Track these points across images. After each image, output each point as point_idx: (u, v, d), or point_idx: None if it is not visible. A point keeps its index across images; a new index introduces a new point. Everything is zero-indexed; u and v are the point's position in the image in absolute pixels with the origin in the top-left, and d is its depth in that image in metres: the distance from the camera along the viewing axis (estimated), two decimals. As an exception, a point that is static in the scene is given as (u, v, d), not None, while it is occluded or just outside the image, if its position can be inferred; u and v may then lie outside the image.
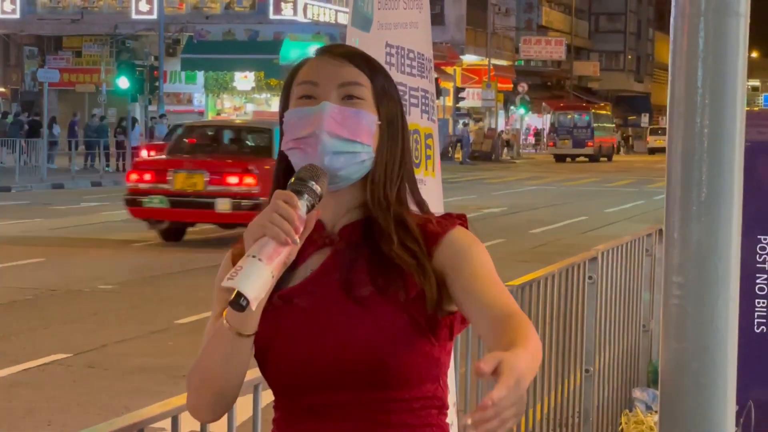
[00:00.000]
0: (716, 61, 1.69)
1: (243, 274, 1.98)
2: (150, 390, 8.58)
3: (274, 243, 2.02)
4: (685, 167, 1.70)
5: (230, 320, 2.08)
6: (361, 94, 2.20)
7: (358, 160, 2.17)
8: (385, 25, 3.76)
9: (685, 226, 1.71)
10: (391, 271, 2.15)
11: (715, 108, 1.69)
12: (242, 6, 55.36)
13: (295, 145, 2.18)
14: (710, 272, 1.72)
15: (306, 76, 2.22)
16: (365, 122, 2.18)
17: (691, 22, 1.70)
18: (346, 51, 2.26)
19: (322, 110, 2.16)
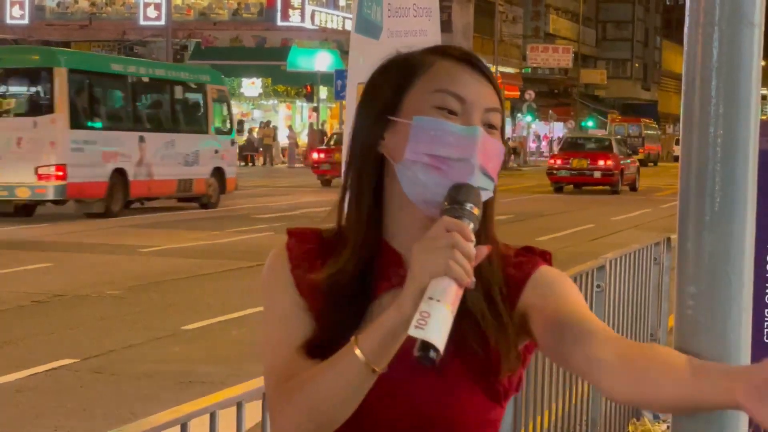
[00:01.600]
0: (730, 71, 1.69)
1: (433, 323, 1.71)
2: (157, 396, 8.59)
3: (455, 286, 1.74)
4: (698, 177, 1.70)
5: (370, 356, 1.77)
6: (498, 123, 1.94)
7: (484, 197, 1.89)
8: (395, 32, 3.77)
9: (698, 236, 1.71)
10: (476, 329, 1.90)
11: (728, 118, 1.69)
12: (250, 12, 55.47)
13: (433, 163, 1.86)
14: (723, 282, 1.72)
15: (451, 85, 1.92)
16: (501, 158, 1.93)
17: (705, 31, 1.70)
18: (486, 68, 1.98)
19: (476, 136, 1.87)
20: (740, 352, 1.74)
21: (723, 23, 1.71)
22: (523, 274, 1.95)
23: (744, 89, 1.71)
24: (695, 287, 1.73)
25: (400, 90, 1.94)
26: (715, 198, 1.71)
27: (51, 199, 23.12)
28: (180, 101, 27.29)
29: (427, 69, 1.95)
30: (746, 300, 1.73)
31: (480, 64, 1.96)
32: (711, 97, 1.71)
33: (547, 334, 1.88)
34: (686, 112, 1.75)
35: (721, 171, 1.71)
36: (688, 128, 1.74)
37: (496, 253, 1.95)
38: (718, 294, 1.72)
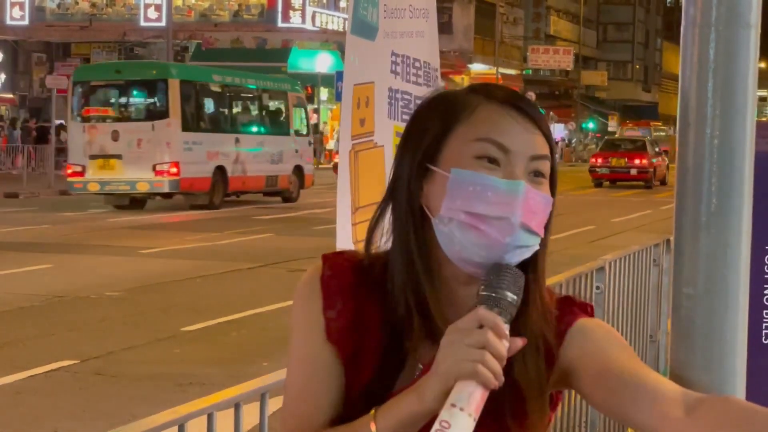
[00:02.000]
0: (727, 72, 1.69)
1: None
2: (157, 397, 8.58)
3: (481, 390, 1.65)
4: (694, 178, 1.70)
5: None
6: (546, 172, 1.79)
7: (528, 254, 1.78)
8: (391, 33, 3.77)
9: (695, 237, 1.71)
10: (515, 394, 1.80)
11: (725, 119, 1.69)
12: (250, 14, 55.47)
13: (471, 221, 1.74)
14: (719, 283, 1.71)
15: (492, 133, 1.78)
16: (548, 210, 1.79)
17: (702, 32, 1.70)
18: (534, 109, 1.83)
19: (519, 191, 1.74)
20: (736, 353, 1.74)
21: (720, 24, 1.71)
22: (563, 325, 1.84)
23: (740, 90, 1.71)
24: (691, 288, 1.73)
25: (441, 136, 1.81)
26: (711, 199, 1.71)
27: (166, 192, 26.64)
28: (267, 107, 30.65)
29: (469, 114, 1.81)
30: (742, 301, 1.73)
31: (527, 108, 1.81)
32: (707, 98, 1.71)
33: (598, 391, 1.78)
34: (683, 113, 1.74)
35: (717, 172, 1.71)
36: (685, 129, 1.74)
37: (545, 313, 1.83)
38: (715, 295, 1.72)
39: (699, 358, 1.75)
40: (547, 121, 1.84)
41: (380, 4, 3.69)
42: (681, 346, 1.75)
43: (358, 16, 3.59)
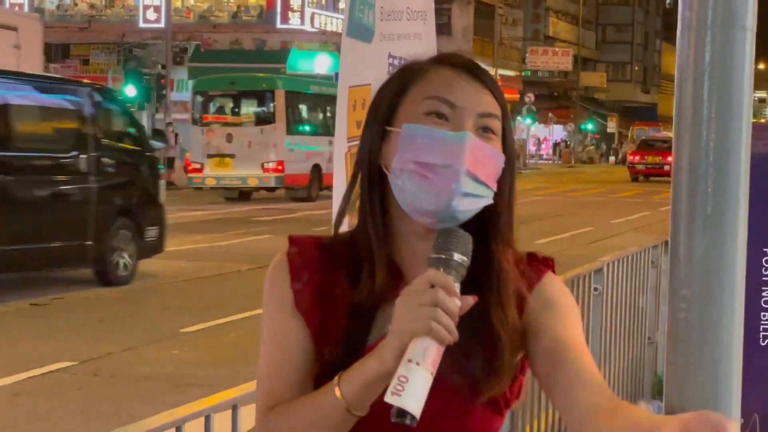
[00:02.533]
0: (723, 74, 1.69)
1: (410, 389, 1.71)
2: (155, 398, 8.58)
3: (436, 346, 1.73)
4: (690, 180, 1.70)
5: (348, 398, 1.80)
6: (495, 129, 1.91)
7: (480, 204, 1.87)
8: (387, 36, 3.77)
9: (691, 239, 1.71)
10: (486, 345, 1.90)
11: (721, 121, 1.69)
12: (249, 15, 55.46)
13: (419, 171, 1.85)
14: (715, 285, 1.72)
15: (439, 90, 1.90)
16: (498, 164, 1.90)
17: (698, 35, 1.70)
18: (483, 72, 1.95)
19: (464, 141, 1.85)
20: (732, 355, 1.74)
21: (716, 26, 1.71)
22: (529, 282, 1.95)
23: (736, 92, 1.71)
24: (688, 290, 1.73)
25: (396, 99, 1.93)
26: (707, 201, 1.71)
27: (273, 186, 31.00)
28: None
29: (422, 77, 1.93)
30: (738, 303, 1.73)
31: (478, 72, 1.94)
32: (703, 100, 1.71)
33: (542, 364, 1.91)
34: (679, 115, 1.75)
35: (713, 174, 1.71)
36: (681, 131, 1.74)
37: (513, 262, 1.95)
38: (711, 297, 1.72)
39: (695, 360, 1.75)
40: (500, 88, 1.96)
41: (376, 7, 3.68)
42: (677, 348, 1.75)
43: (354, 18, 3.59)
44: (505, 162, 1.91)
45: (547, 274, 1.99)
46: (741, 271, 1.72)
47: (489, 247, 1.91)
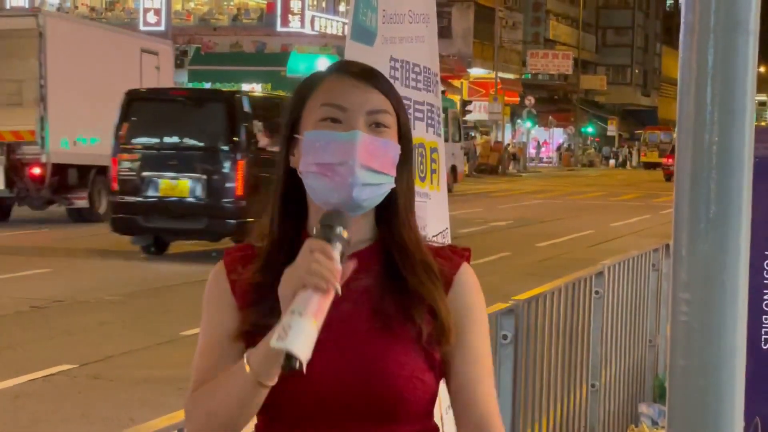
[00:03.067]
0: (725, 77, 1.69)
1: (293, 334, 1.87)
2: (155, 402, 8.58)
3: (317, 296, 1.92)
4: (693, 184, 1.70)
5: (255, 368, 1.98)
6: (387, 123, 2.15)
7: (382, 191, 2.12)
8: (390, 39, 3.77)
9: (693, 243, 1.71)
10: (408, 301, 2.12)
11: (723, 125, 1.69)
12: (250, 18, 55.50)
13: (320, 171, 2.09)
14: (718, 289, 1.72)
15: (330, 98, 2.14)
16: (392, 153, 2.14)
17: (701, 38, 1.70)
18: (370, 73, 2.19)
19: (353, 138, 2.09)
20: (735, 359, 1.74)
21: (719, 30, 1.71)
22: (452, 266, 2.19)
23: (739, 96, 1.71)
24: (690, 294, 1.73)
25: (297, 109, 2.18)
26: (710, 205, 1.71)
27: None
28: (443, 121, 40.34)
29: (317, 87, 2.17)
30: (741, 307, 1.73)
31: (366, 74, 2.18)
32: (706, 103, 1.71)
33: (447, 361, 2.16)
34: (681, 118, 1.75)
35: (716, 178, 1.71)
36: (684, 135, 1.74)
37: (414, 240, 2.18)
38: (713, 301, 1.72)
39: (697, 364, 1.75)
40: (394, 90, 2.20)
41: (379, 10, 3.68)
42: (679, 352, 1.75)
43: (357, 21, 3.59)
44: (402, 150, 2.16)
45: (464, 265, 2.21)
46: (744, 274, 1.72)
47: (392, 226, 2.16)
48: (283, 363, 1.88)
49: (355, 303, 2.12)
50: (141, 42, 26.74)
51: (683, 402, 1.75)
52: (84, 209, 24.04)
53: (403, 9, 3.85)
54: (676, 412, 1.75)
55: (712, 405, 1.75)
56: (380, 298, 2.12)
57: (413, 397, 2.09)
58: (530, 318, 5.16)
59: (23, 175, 22.73)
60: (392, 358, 2.08)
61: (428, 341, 2.12)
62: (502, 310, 4.87)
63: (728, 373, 1.75)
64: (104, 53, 24.24)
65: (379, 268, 2.16)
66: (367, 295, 2.13)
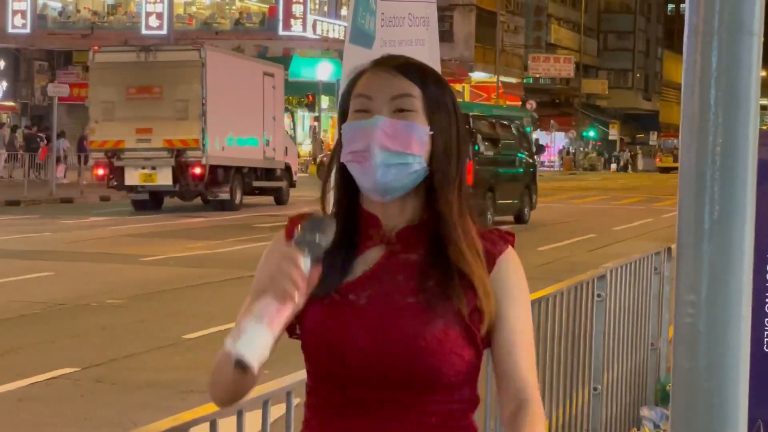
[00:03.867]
0: (729, 80, 1.70)
1: (246, 338, 2.04)
2: (158, 405, 8.58)
3: (276, 304, 2.05)
4: (697, 186, 1.70)
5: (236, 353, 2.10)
6: (412, 106, 2.26)
7: (410, 170, 2.24)
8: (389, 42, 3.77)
9: (697, 245, 1.71)
10: (451, 279, 2.22)
11: (727, 127, 1.70)
12: (252, 22, 55.50)
13: (353, 158, 2.25)
14: (722, 291, 1.72)
15: (361, 89, 2.29)
16: (416, 134, 2.24)
17: (704, 40, 1.70)
18: (399, 63, 2.31)
19: (374, 124, 2.23)
20: (739, 361, 1.74)
21: (722, 32, 1.72)
22: (496, 250, 2.29)
23: (743, 98, 1.72)
24: (694, 296, 1.73)
25: (344, 103, 2.34)
26: (714, 206, 1.71)
27: None
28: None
29: (356, 81, 2.32)
30: (745, 309, 1.73)
31: (392, 62, 2.31)
32: (710, 105, 1.71)
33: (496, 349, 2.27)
34: (686, 120, 1.75)
35: (720, 179, 1.71)
36: (688, 137, 1.74)
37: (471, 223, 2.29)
38: (717, 302, 1.72)
39: (701, 366, 1.75)
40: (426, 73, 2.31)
41: (378, 13, 3.69)
42: (683, 353, 1.75)
43: (356, 25, 3.60)
44: (435, 129, 2.26)
45: (509, 248, 2.31)
46: (747, 276, 1.72)
47: (437, 205, 2.26)
48: (234, 362, 2.04)
49: (402, 278, 2.23)
50: (263, 67, 33.75)
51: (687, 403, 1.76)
52: (225, 201, 29.92)
53: (403, 12, 3.86)
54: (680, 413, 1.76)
55: (717, 406, 1.75)
56: (424, 275, 2.22)
57: (451, 371, 2.19)
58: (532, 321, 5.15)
59: (186, 174, 28.75)
60: (431, 335, 2.17)
61: (471, 317, 2.21)
62: (504, 313, 4.87)
63: (733, 374, 1.75)
64: (241, 77, 30.85)
65: (425, 246, 2.26)
66: (412, 272, 2.24)
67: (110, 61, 29.40)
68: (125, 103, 28.90)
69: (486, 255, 2.26)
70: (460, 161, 2.31)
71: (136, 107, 28.75)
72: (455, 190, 2.27)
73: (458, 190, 2.28)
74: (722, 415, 1.75)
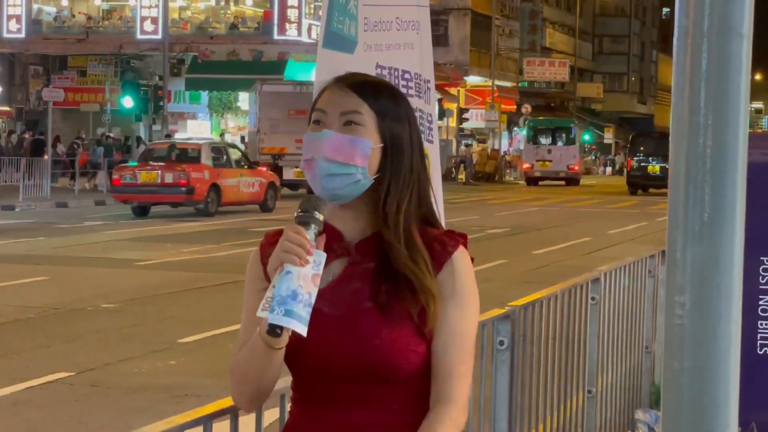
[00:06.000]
0: (719, 81, 1.70)
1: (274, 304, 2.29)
2: (153, 409, 8.58)
3: (295, 271, 2.29)
4: (687, 187, 1.71)
5: (264, 337, 2.36)
6: (360, 121, 2.48)
7: (352, 180, 2.46)
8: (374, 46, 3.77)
9: (688, 246, 1.72)
10: (401, 285, 2.44)
11: (717, 128, 1.70)
12: (247, 26, 55.49)
13: (305, 166, 2.49)
14: (713, 292, 1.72)
15: (320, 103, 2.53)
16: (359, 147, 2.46)
17: (694, 42, 1.71)
18: (353, 81, 2.53)
19: (321, 137, 2.47)
20: (729, 363, 1.74)
21: (712, 34, 1.72)
22: (446, 252, 2.48)
23: (733, 99, 1.72)
24: (684, 296, 1.73)
25: (310, 114, 2.55)
26: (704, 207, 1.71)
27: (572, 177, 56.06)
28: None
29: (321, 95, 2.54)
30: (735, 311, 1.74)
31: (347, 81, 2.52)
32: (700, 107, 1.72)
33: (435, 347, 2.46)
34: (676, 122, 1.75)
35: (710, 181, 1.71)
36: (678, 139, 1.75)
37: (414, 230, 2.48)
38: (708, 304, 1.72)
39: (692, 367, 1.75)
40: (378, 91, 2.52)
41: (359, 18, 3.68)
42: (674, 355, 1.76)
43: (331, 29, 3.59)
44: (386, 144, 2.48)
45: (459, 248, 2.49)
46: (738, 277, 1.73)
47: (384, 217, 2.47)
48: (267, 329, 2.30)
49: (359, 284, 2.47)
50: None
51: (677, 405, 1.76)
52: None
53: (389, 17, 3.85)
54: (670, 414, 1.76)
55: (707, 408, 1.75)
56: (377, 282, 2.45)
57: (406, 365, 2.43)
58: (527, 324, 5.16)
59: None
60: (384, 334, 2.42)
61: (419, 317, 2.44)
62: (498, 316, 4.87)
63: (723, 375, 1.75)
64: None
65: (379, 255, 2.48)
66: (368, 279, 2.46)
67: (274, 91, 39.42)
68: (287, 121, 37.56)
69: (435, 258, 2.47)
70: (414, 170, 2.52)
71: (294, 124, 36.05)
72: (406, 198, 2.50)
73: (409, 198, 2.50)
74: (712, 416, 1.75)
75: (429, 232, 2.51)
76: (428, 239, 2.50)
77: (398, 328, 2.43)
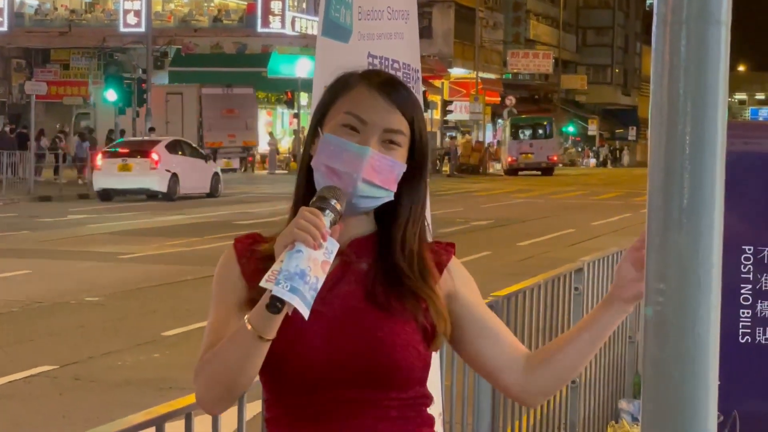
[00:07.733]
0: (698, 69, 1.70)
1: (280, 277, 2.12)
2: (136, 402, 8.56)
3: (305, 252, 2.12)
4: (666, 174, 1.71)
5: (254, 324, 2.14)
6: (400, 142, 2.33)
7: (379, 202, 2.33)
8: (367, 35, 3.76)
9: (666, 233, 1.72)
10: (398, 283, 2.34)
11: (696, 116, 1.70)
12: (230, 19, 55.42)
13: (327, 172, 2.28)
14: (692, 279, 1.73)
15: (355, 108, 2.32)
16: (396, 171, 2.32)
17: (673, 29, 1.71)
18: (398, 95, 2.35)
19: (364, 154, 2.28)
20: (709, 351, 1.74)
21: (691, 21, 1.72)
22: (444, 259, 2.42)
23: (712, 88, 1.72)
24: (663, 284, 1.73)
25: (326, 107, 2.36)
26: (683, 194, 1.71)
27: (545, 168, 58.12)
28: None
29: (348, 91, 2.35)
30: (715, 298, 1.74)
31: (392, 92, 2.34)
32: (679, 95, 1.72)
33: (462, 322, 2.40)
34: (655, 110, 1.75)
35: (689, 168, 1.71)
36: (657, 126, 1.75)
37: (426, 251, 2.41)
38: (687, 292, 1.72)
39: (671, 355, 1.75)
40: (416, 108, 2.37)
41: (354, 6, 3.68)
42: (654, 341, 1.76)
43: (329, 17, 3.58)
44: (414, 165, 2.36)
45: (452, 258, 2.44)
46: (717, 264, 1.73)
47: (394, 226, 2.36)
48: (268, 303, 2.09)
49: (353, 284, 2.33)
50: None
51: (657, 393, 1.76)
52: None
53: (381, 5, 3.84)
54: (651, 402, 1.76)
55: (687, 396, 1.75)
56: (374, 280, 2.33)
57: (408, 364, 2.29)
58: (510, 314, 5.17)
59: None
60: (387, 327, 2.29)
61: (425, 315, 2.34)
62: (481, 307, 4.88)
63: (703, 363, 1.76)
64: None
65: (374, 255, 2.36)
66: (363, 278, 2.34)
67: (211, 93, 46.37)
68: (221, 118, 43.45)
69: (436, 264, 2.40)
70: (425, 186, 2.44)
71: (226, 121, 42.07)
72: (419, 220, 2.41)
73: (417, 212, 2.40)
74: (693, 403, 1.75)
75: (424, 245, 2.42)
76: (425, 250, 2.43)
77: (400, 323, 2.31)
